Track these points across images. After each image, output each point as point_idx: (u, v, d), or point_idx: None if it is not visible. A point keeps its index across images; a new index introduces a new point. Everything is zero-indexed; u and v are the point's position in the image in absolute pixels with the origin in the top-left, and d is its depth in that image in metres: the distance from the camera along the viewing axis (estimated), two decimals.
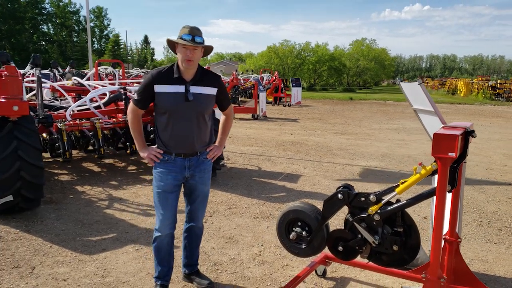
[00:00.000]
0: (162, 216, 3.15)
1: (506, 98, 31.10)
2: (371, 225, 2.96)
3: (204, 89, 3.06)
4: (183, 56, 2.92)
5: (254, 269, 3.83)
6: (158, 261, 3.27)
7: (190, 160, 3.13)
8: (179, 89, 2.98)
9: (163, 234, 3.19)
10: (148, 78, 3.02)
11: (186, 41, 2.87)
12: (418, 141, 11.32)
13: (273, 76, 25.31)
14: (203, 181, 3.26)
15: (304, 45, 51.85)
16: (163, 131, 3.08)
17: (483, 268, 3.89)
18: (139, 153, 3.16)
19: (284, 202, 5.70)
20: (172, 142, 3.06)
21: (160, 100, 3.00)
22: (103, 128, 6.94)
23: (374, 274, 3.71)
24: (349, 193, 3.05)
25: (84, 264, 3.86)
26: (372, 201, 2.92)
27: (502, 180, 7.12)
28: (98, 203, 5.61)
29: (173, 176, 3.11)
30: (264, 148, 9.85)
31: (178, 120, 3.02)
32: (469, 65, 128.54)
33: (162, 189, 3.12)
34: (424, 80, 20.77)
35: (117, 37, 67.44)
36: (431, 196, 2.77)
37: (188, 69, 2.98)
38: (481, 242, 4.48)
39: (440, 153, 2.41)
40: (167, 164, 3.10)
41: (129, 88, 7.94)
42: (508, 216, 5.28)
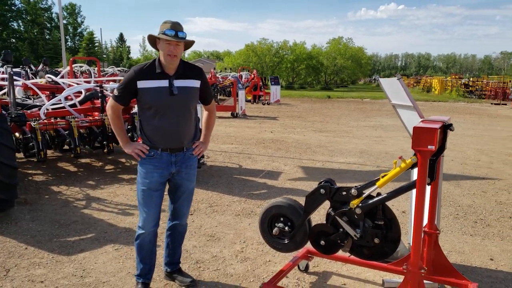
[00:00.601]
0: (146, 214, 3.11)
1: (478, 96, 31.88)
2: (353, 218, 2.98)
3: (188, 82, 3.04)
4: (166, 52, 2.89)
5: (237, 266, 3.81)
6: (140, 259, 3.22)
7: (177, 156, 3.09)
8: (163, 83, 2.95)
9: (146, 232, 3.15)
10: (131, 74, 2.97)
11: (170, 36, 2.84)
12: (394, 138, 11.48)
13: (252, 74, 25.33)
14: (189, 177, 3.23)
15: (282, 43, 52.02)
16: (148, 126, 3.04)
17: (460, 259, 3.97)
18: (124, 149, 3.11)
19: (265, 199, 5.70)
20: (158, 137, 3.02)
21: (144, 96, 2.95)
22: (79, 127, 6.82)
23: (355, 268, 3.74)
24: (331, 187, 3.06)
25: (62, 265, 3.77)
26: (354, 195, 2.93)
27: (476, 174, 7.28)
28: (75, 203, 5.50)
29: (159, 173, 3.07)
30: (244, 146, 9.84)
31: (163, 115, 2.98)
32: (442, 63, 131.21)
33: (147, 186, 3.07)
34: None
35: (91, 35, 66.37)
36: (411, 189, 2.81)
37: (171, 64, 2.95)
38: (458, 234, 4.57)
39: (420, 146, 2.43)
40: (153, 160, 3.05)
41: (106, 86, 7.81)
42: (483, 209, 5.40)
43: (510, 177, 7.14)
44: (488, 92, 31.63)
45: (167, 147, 3.04)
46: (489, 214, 5.23)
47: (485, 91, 32.07)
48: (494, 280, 3.56)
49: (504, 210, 5.38)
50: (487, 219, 5.05)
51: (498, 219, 5.06)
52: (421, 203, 2.49)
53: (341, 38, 55.61)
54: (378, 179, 2.87)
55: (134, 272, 3.61)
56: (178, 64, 3.01)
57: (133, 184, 6.37)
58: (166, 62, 2.93)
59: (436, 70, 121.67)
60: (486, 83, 33.83)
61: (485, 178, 7.00)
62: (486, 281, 3.53)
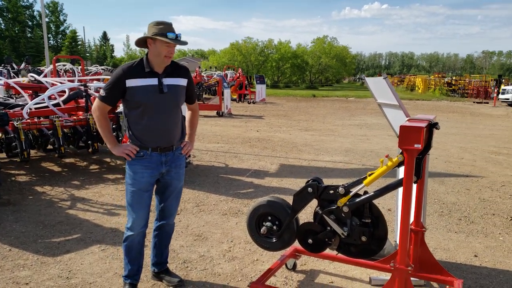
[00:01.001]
0: (136, 215, 3.08)
1: (461, 94, 32.35)
2: (340, 217, 3.00)
3: (177, 80, 3.04)
4: (164, 53, 2.87)
5: (224, 265, 3.81)
6: (128, 260, 3.20)
7: (167, 155, 3.07)
8: (152, 82, 2.92)
9: (135, 233, 3.12)
10: (119, 73, 2.92)
11: (171, 39, 2.84)
12: (379, 136, 11.59)
13: (237, 73, 25.29)
14: (179, 176, 3.22)
15: (267, 42, 52.04)
16: (137, 126, 3.00)
17: (445, 256, 4.02)
18: (112, 151, 3.06)
19: (252, 198, 5.70)
20: (147, 136, 2.99)
21: (133, 94, 2.91)
22: (63, 126, 6.73)
23: (342, 265, 3.77)
24: (318, 186, 3.08)
25: (47, 267, 3.72)
26: (341, 193, 2.95)
27: (460, 172, 7.39)
28: (60, 203, 5.43)
29: (149, 173, 3.04)
30: (231, 145, 9.82)
31: (153, 113, 2.95)
32: (426, 62, 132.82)
33: (137, 187, 3.04)
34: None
35: (74, 33, 65.45)
36: (397, 187, 2.84)
37: (164, 64, 2.94)
38: (443, 232, 4.63)
39: (407, 145, 2.46)
40: (143, 160, 3.02)
41: (90, 85, 7.73)
42: (467, 207, 5.48)
43: (492, 174, 7.27)
44: (470, 91, 32.13)
45: (157, 146, 3.01)
46: (473, 211, 5.31)
47: (468, 90, 32.57)
48: (478, 276, 3.62)
49: (488, 207, 5.48)
50: (471, 216, 5.13)
51: (482, 216, 5.14)
52: (407, 201, 2.52)
53: (325, 37, 55.92)
54: (365, 178, 2.90)
55: (121, 273, 3.59)
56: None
57: (119, 184, 6.32)
58: (162, 62, 2.92)
59: (419, 69, 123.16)
60: (469, 82, 34.35)
61: (468, 176, 7.11)
62: (471, 277, 3.59)
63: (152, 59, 2.93)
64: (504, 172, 7.48)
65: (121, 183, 6.39)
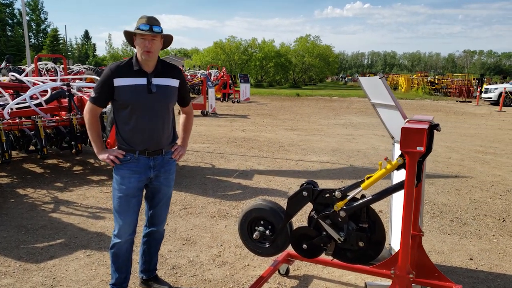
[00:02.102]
0: (123, 221, 2.94)
1: (444, 93, 32.71)
2: (336, 221, 2.92)
3: (167, 80, 2.90)
4: (141, 48, 2.74)
5: (215, 271, 3.70)
6: (115, 268, 3.06)
7: (155, 160, 2.94)
8: (141, 81, 2.79)
9: (123, 240, 2.98)
10: (106, 72, 2.80)
11: (144, 31, 2.70)
12: (365, 136, 11.58)
13: (221, 72, 25.12)
14: (168, 182, 3.08)
15: (250, 41, 51.89)
16: (124, 127, 2.86)
17: (440, 259, 3.97)
18: (98, 156, 2.92)
19: (240, 200, 5.60)
20: (135, 138, 2.86)
21: (120, 94, 2.78)
22: (45, 126, 6.52)
23: (336, 270, 3.69)
24: (314, 189, 2.99)
25: (30, 274, 3.56)
26: (338, 197, 2.87)
27: (448, 172, 7.40)
28: (43, 206, 5.24)
29: (137, 178, 2.90)
30: (216, 145, 9.69)
31: (141, 114, 2.82)
32: (408, 61, 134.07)
33: (124, 193, 2.89)
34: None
35: (55, 32, 64.24)
36: (397, 191, 2.76)
37: (148, 61, 2.80)
38: (436, 234, 4.59)
39: (409, 148, 2.38)
40: (130, 164, 2.88)
41: (73, 84, 7.52)
42: (458, 207, 5.47)
43: (481, 174, 7.29)
44: (453, 90, 32.49)
45: (144, 149, 2.88)
46: (465, 212, 5.29)
47: (450, 89, 32.94)
48: (475, 281, 3.57)
49: (479, 208, 5.46)
50: (463, 217, 5.11)
51: (474, 217, 5.12)
52: (409, 205, 2.44)
53: (308, 36, 55.97)
54: (362, 181, 2.82)
55: (108, 280, 3.46)
56: (156, 62, 2.87)
57: (103, 186, 6.15)
58: (143, 59, 2.78)
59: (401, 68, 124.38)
60: (451, 81, 34.74)
61: (457, 176, 7.11)
62: (468, 282, 3.54)
63: (138, 57, 2.81)
64: (492, 172, 7.52)
65: (105, 185, 6.22)
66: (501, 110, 20.60)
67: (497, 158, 8.77)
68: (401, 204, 3.63)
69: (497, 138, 11.60)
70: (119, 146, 2.92)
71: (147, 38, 2.73)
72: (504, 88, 23.51)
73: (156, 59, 2.86)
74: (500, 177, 7.17)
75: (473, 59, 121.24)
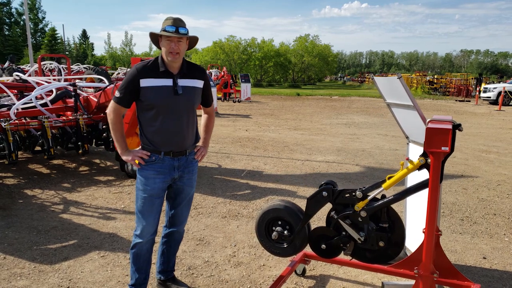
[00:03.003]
0: (146, 222, 2.93)
1: (443, 93, 32.76)
2: (356, 221, 2.92)
3: (192, 81, 2.89)
4: (167, 49, 2.73)
5: (231, 271, 3.69)
6: (135, 268, 3.05)
7: (180, 160, 2.93)
8: (167, 82, 2.78)
9: (144, 240, 2.98)
10: (133, 72, 2.78)
11: (170, 32, 2.69)
12: (369, 135, 11.59)
13: (222, 72, 25.10)
14: (191, 183, 3.08)
15: (250, 41, 51.89)
16: (149, 128, 2.85)
17: (453, 258, 3.98)
18: (122, 156, 2.90)
19: (250, 200, 5.59)
20: (160, 139, 2.84)
21: (146, 95, 2.77)
22: (52, 127, 6.51)
23: (352, 270, 3.69)
24: (334, 190, 3.00)
25: (46, 275, 3.55)
26: (358, 197, 2.88)
27: (454, 171, 7.41)
28: (52, 207, 5.23)
29: (162, 178, 2.89)
30: (221, 145, 9.68)
31: (167, 115, 2.80)
32: (406, 61, 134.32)
33: (148, 193, 2.88)
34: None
35: (53, 31, 64.02)
36: (418, 190, 2.76)
37: (173, 63, 2.79)
38: (447, 233, 4.60)
39: (433, 148, 2.38)
40: (155, 165, 2.87)
41: (79, 84, 7.51)
42: (467, 207, 5.48)
43: (486, 173, 7.31)
44: (452, 89, 32.54)
45: (170, 150, 2.87)
46: (474, 211, 5.30)
47: (449, 88, 32.98)
48: (491, 280, 3.58)
49: (488, 207, 5.48)
50: (472, 216, 5.12)
51: (483, 216, 5.14)
52: (433, 204, 2.44)
53: (308, 36, 56.00)
54: (383, 181, 2.82)
55: (124, 281, 3.46)
56: (182, 63, 2.86)
57: (111, 186, 6.14)
58: (169, 60, 2.77)
59: (399, 67, 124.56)
60: (450, 81, 34.80)
61: (463, 176, 7.13)
62: (483, 281, 3.55)
63: (164, 58, 2.80)
64: (497, 171, 7.53)
65: (113, 185, 6.21)
66: (500, 110, 20.66)
67: (501, 157, 8.79)
68: (416, 204, 3.65)
69: (499, 137, 11.63)
70: (143, 147, 2.91)
71: (173, 40, 2.72)
72: (503, 87, 23.57)
73: (181, 60, 2.85)
74: (506, 176, 7.19)
75: (470, 58, 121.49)
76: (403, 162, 2.76)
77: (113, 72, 22.32)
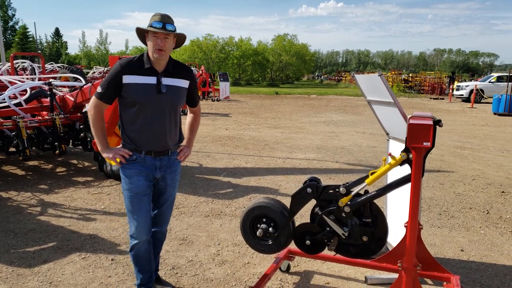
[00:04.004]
0: (137, 221, 2.88)
1: (417, 91, 33.37)
2: (340, 217, 2.95)
3: (177, 81, 2.83)
4: (153, 46, 2.67)
5: (215, 269, 3.68)
6: (138, 269, 3.03)
7: (161, 160, 2.88)
8: (151, 80, 2.72)
9: (141, 241, 2.93)
10: (116, 68, 2.71)
11: (157, 28, 2.63)
12: (347, 133, 11.72)
13: (200, 71, 24.98)
14: (174, 183, 3.05)
15: (227, 39, 51.78)
16: (131, 126, 2.80)
17: (433, 251, 4.06)
18: (102, 154, 2.84)
19: (232, 199, 5.59)
20: (142, 138, 2.80)
21: (129, 92, 2.72)
22: (27, 127, 6.36)
23: (336, 265, 3.73)
24: (318, 186, 3.02)
25: (25, 279, 3.47)
26: (342, 193, 2.90)
27: (430, 167, 7.55)
28: (29, 209, 5.11)
29: (145, 176, 2.84)
30: (201, 144, 9.64)
31: (149, 114, 2.76)
32: (381, 59, 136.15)
33: (134, 191, 2.83)
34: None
35: (24, 29, 62.53)
36: (400, 185, 2.80)
37: (159, 60, 2.72)
38: (426, 227, 4.69)
39: (416, 143, 2.43)
40: (136, 164, 2.82)
41: (55, 83, 7.36)
42: (444, 201, 5.59)
43: (462, 169, 7.48)
44: (426, 87, 33.18)
45: (151, 150, 2.82)
46: (451, 205, 5.42)
47: (424, 87, 33.62)
48: (469, 271, 3.67)
49: (464, 201, 5.61)
50: (450, 210, 5.23)
51: (460, 210, 5.26)
52: (416, 199, 2.49)
53: (286, 35, 56.24)
54: (366, 177, 2.85)
55: (107, 283, 3.42)
56: (168, 61, 2.80)
57: (90, 187, 6.04)
58: (154, 57, 2.70)
59: (375, 66, 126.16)
60: (424, 79, 35.46)
61: (440, 171, 7.28)
62: (462, 272, 3.63)
63: (150, 55, 2.74)
64: (471, 166, 7.72)
65: (92, 186, 6.11)
66: (472, 107, 21.17)
67: (474, 153, 9.01)
68: (396, 199, 3.72)
69: (472, 134, 11.92)
70: (124, 145, 2.86)
71: (160, 36, 2.66)
72: (475, 85, 24.16)
73: (167, 58, 2.79)
74: (480, 171, 7.37)
75: (443, 57, 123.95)
76: (385, 158, 2.80)
77: (88, 71, 21.94)
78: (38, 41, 66.87)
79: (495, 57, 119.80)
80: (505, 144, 10.24)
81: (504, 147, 9.88)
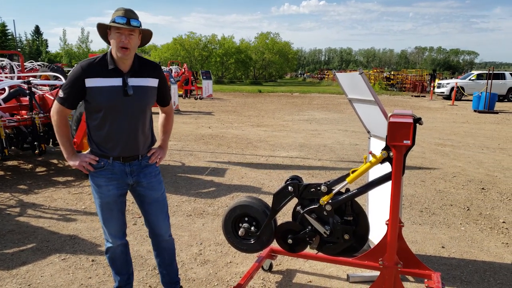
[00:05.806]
0: (109, 228, 2.79)
1: (399, 89, 33.75)
2: (322, 215, 2.96)
3: (144, 80, 2.63)
4: (117, 43, 2.45)
5: (198, 269, 3.66)
6: (115, 271, 2.96)
7: (131, 165, 2.70)
8: (116, 82, 2.51)
9: (115, 245, 2.85)
10: (77, 71, 2.50)
11: (120, 24, 2.41)
12: (329, 131, 11.78)
13: (182, 69, 24.82)
14: (152, 186, 2.81)
15: (210, 37, 51.56)
16: (97, 132, 2.61)
17: (414, 248, 4.10)
18: (69, 161, 2.67)
19: (215, 198, 5.57)
20: (109, 144, 2.62)
21: (93, 96, 2.51)
22: (5, 126, 6.24)
23: (318, 264, 3.74)
24: (299, 184, 3.02)
25: (3, 282, 3.40)
26: (323, 191, 2.91)
27: (412, 164, 7.64)
28: (8, 210, 5.01)
29: (115, 185, 2.68)
30: (184, 142, 9.58)
31: (116, 118, 2.57)
32: (363, 57, 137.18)
33: (105, 200, 2.69)
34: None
35: (3, 27, 61.29)
36: (381, 183, 2.82)
37: (124, 59, 2.51)
38: (407, 224, 4.74)
39: (396, 141, 2.45)
40: (105, 172, 2.66)
41: (34, 82, 7.23)
42: (425, 198, 5.66)
43: (443, 166, 7.59)
44: (408, 85, 33.57)
45: (119, 155, 2.64)
46: (432, 202, 5.49)
47: (405, 84, 34.01)
48: (449, 268, 3.72)
49: (445, 198, 5.69)
50: (431, 207, 5.30)
51: (441, 207, 5.33)
52: (397, 197, 2.51)
53: (268, 33, 56.23)
54: (347, 175, 2.86)
55: (87, 284, 3.37)
56: (133, 60, 2.59)
57: (71, 187, 5.95)
58: (118, 56, 2.49)
59: (357, 64, 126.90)
60: (406, 77, 35.88)
61: (421, 168, 7.37)
62: (443, 269, 3.68)
63: (113, 54, 2.53)
64: (452, 163, 7.84)
65: (73, 186, 6.02)
66: (453, 104, 21.48)
67: (455, 150, 9.15)
68: (377, 197, 3.75)
69: (453, 131, 12.10)
70: (91, 151, 2.69)
71: (124, 33, 2.45)
72: (456, 83, 24.53)
73: (133, 57, 2.58)
74: (460, 168, 7.48)
75: (424, 55, 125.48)
76: (366, 156, 2.82)
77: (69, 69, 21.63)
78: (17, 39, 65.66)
79: (475, 55, 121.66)
80: (485, 141, 10.42)
81: (484, 144, 10.05)
